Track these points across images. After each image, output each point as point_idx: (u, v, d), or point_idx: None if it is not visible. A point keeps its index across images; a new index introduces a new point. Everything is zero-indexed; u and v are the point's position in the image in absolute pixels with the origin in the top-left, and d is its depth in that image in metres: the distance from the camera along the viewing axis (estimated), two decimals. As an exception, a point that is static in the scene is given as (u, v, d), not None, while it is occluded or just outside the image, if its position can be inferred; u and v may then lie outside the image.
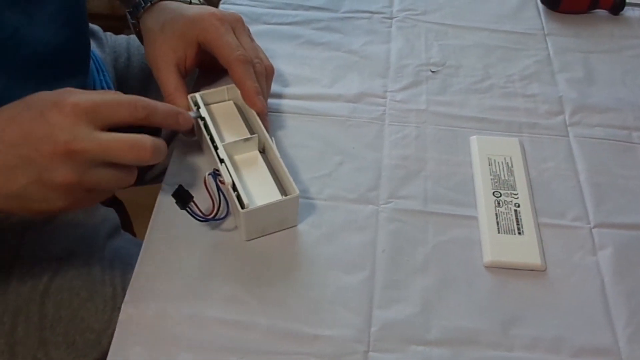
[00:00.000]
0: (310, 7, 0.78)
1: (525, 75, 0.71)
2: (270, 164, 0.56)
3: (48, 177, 0.43)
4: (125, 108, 0.46)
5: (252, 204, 0.51)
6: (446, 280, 0.52)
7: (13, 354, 0.58)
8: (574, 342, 0.49)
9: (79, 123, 0.44)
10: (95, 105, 0.45)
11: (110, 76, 0.78)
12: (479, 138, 0.63)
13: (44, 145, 0.43)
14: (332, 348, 0.48)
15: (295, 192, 0.52)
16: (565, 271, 0.53)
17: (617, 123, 0.66)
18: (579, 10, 0.80)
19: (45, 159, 0.43)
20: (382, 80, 0.69)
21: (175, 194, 0.51)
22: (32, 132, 0.44)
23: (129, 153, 0.45)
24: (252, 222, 0.52)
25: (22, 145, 0.43)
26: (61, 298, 0.61)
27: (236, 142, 0.55)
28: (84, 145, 0.43)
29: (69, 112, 0.44)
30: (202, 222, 0.54)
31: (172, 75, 0.59)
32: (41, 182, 0.44)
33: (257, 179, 0.54)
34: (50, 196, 0.45)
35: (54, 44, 0.59)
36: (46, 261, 0.62)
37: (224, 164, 0.53)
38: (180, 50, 0.59)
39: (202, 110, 0.57)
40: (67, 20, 0.60)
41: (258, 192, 0.53)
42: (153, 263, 0.52)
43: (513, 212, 0.56)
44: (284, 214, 0.53)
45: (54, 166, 0.43)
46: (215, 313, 0.49)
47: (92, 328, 0.60)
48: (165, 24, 0.60)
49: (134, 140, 0.45)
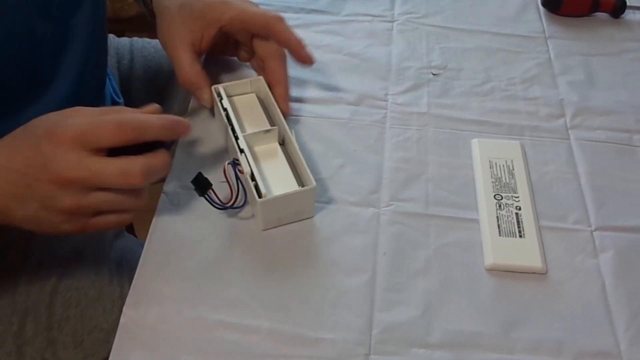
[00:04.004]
0: (312, 10, 0.78)
1: (527, 78, 0.71)
2: (289, 156, 0.57)
3: (51, 204, 0.45)
4: (111, 131, 0.45)
5: (269, 194, 0.52)
6: (447, 283, 0.52)
7: (21, 354, 0.59)
8: (575, 345, 0.49)
9: (68, 152, 0.44)
10: (82, 133, 0.45)
11: (115, 79, 0.79)
12: (480, 141, 0.63)
13: (42, 175, 0.45)
14: (334, 351, 0.48)
15: (312, 184, 0.53)
16: (566, 274, 0.53)
17: (618, 126, 0.66)
18: (580, 13, 0.80)
19: (45, 188, 0.45)
20: (383, 83, 0.69)
21: (194, 180, 0.52)
22: (31, 162, 0.45)
23: (118, 179, 0.45)
24: (269, 212, 0.53)
25: (26, 174, 0.45)
26: (69, 298, 0.61)
27: (256, 133, 0.57)
28: (75, 174, 0.44)
29: (59, 142, 0.45)
30: (220, 209, 0.54)
31: (187, 53, 0.59)
32: (46, 209, 0.45)
33: (275, 170, 0.56)
34: (56, 220, 0.46)
35: (81, 53, 0.60)
36: (54, 262, 0.62)
37: (243, 154, 0.54)
38: (197, 31, 0.59)
39: (225, 101, 0.59)
40: (94, 27, 0.61)
41: (276, 182, 0.54)
42: (154, 266, 0.52)
43: (514, 215, 0.56)
44: (300, 205, 0.54)
45: (54, 194, 0.45)
46: (216, 316, 0.49)
47: (100, 327, 0.61)
48: (184, 4, 0.60)
49: (122, 165, 0.45)
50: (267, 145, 0.58)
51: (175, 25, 0.60)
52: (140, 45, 0.85)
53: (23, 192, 0.45)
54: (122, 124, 0.46)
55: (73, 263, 0.63)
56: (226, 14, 0.59)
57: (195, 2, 0.60)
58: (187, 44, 0.59)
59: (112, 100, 0.74)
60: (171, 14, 0.60)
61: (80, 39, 0.60)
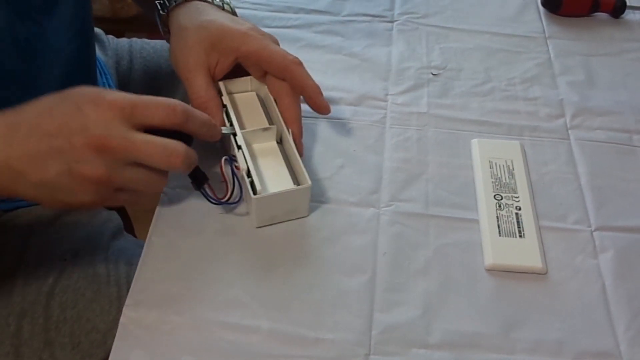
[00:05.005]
0: (312, 10, 0.78)
1: (526, 78, 0.71)
2: (287, 155, 0.57)
3: (77, 169, 0.43)
4: (163, 110, 0.46)
5: (264, 191, 0.52)
6: (447, 283, 0.52)
7: (18, 355, 0.59)
8: (575, 345, 0.49)
9: (114, 120, 0.44)
10: (132, 105, 0.45)
11: (113, 79, 0.79)
12: (480, 141, 0.63)
13: (77, 137, 0.43)
14: (334, 351, 0.48)
15: (307, 183, 0.53)
16: (566, 274, 0.53)
17: (618, 126, 0.66)
18: (580, 13, 0.80)
19: (77, 151, 0.43)
20: (383, 83, 0.69)
21: (191, 174, 0.52)
22: (67, 124, 0.44)
23: (161, 157, 0.45)
24: (264, 209, 0.53)
25: (56, 135, 0.43)
26: (66, 299, 0.61)
27: (255, 130, 0.57)
28: (117, 143, 0.44)
29: (106, 109, 0.44)
30: (215, 204, 0.54)
31: (204, 78, 0.56)
32: (70, 174, 0.44)
33: (272, 168, 0.56)
34: (78, 189, 0.45)
35: (66, 52, 0.60)
36: (51, 262, 0.62)
37: (240, 150, 0.54)
38: (214, 56, 0.57)
39: (225, 98, 0.58)
40: (77, 29, 0.61)
41: (272, 180, 0.54)
42: (154, 266, 0.52)
43: (514, 215, 0.56)
44: (295, 204, 0.54)
45: (85, 159, 0.43)
46: (216, 316, 0.49)
47: (97, 328, 0.61)
48: (202, 26, 0.57)
49: (168, 144, 0.45)
50: (265, 143, 0.58)
51: (191, 46, 0.56)
52: (139, 46, 0.85)
53: (46, 153, 0.43)
54: (175, 105, 0.46)
55: (70, 264, 0.62)
56: (244, 47, 0.56)
57: (214, 27, 0.57)
58: (203, 67, 0.56)
59: None
60: (187, 34, 0.57)
61: (65, 39, 0.59)
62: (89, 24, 0.65)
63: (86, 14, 0.63)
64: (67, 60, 0.61)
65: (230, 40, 0.56)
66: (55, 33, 0.58)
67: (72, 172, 0.44)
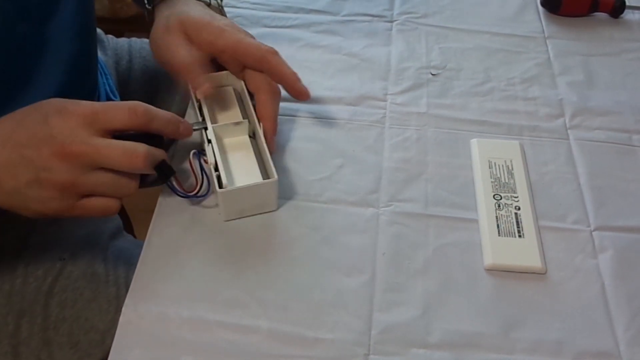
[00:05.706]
0: (311, 10, 0.78)
1: (526, 78, 0.71)
2: (258, 150, 0.57)
3: (45, 176, 0.46)
4: (124, 113, 0.48)
5: (231, 185, 0.53)
6: (447, 283, 0.52)
7: (17, 354, 0.59)
8: (574, 345, 0.49)
9: (77, 128, 0.46)
10: (94, 111, 0.47)
11: (113, 79, 0.78)
12: (480, 141, 0.63)
13: (44, 147, 0.46)
14: (333, 351, 0.48)
15: (274, 177, 0.53)
16: (565, 274, 0.53)
17: (618, 126, 0.66)
18: (579, 13, 0.80)
19: (43, 160, 0.45)
20: (382, 83, 0.69)
21: (157, 167, 0.51)
22: (35, 135, 0.46)
23: (122, 159, 0.47)
24: (230, 203, 0.54)
25: (27, 145, 0.46)
26: (65, 298, 0.61)
27: (226, 125, 0.57)
28: (79, 148, 0.46)
29: (69, 118, 0.46)
30: (182, 197, 0.55)
31: (184, 49, 0.58)
32: (39, 182, 0.46)
33: (242, 162, 0.56)
34: (46, 196, 0.47)
35: (67, 52, 0.60)
36: (50, 262, 0.62)
37: (210, 145, 0.55)
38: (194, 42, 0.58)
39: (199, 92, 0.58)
40: (79, 30, 0.61)
41: (240, 174, 0.55)
42: (154, 266, 0.52)
43: (513, 215, 0.56)
44: (262, 198, 0.55)
45: (51, 167, 0.46)
46: (215, 316, 0.49)
47: (96, 328, 0.61)
48: (180, 19, 0.59)
49: (128, 146, 0.47)
50: (238, 137, 0.58)
51: (173, 30, 0.59)
52: (139, 46, 0.85)
53: (18, 163, 0.46)
54: (134, 107, 0.48)
55: (69, 264, 0.62)
56: (220, 41, 0.58)
57: (192, 21, 0.59)
58: (183, 43, 0.58)
59: (108, 99, 0.74)
60: (171, 20, 0.59)
61: (65, 39, 0.60)
62: (91, 24, 0.65)
63: (88, 14, 0.63)
64: (68, 61, 0.61)
65: (207, 34, 0.58)
66: (56, 33, 0.58)
67: (40, 180, 0.46)
